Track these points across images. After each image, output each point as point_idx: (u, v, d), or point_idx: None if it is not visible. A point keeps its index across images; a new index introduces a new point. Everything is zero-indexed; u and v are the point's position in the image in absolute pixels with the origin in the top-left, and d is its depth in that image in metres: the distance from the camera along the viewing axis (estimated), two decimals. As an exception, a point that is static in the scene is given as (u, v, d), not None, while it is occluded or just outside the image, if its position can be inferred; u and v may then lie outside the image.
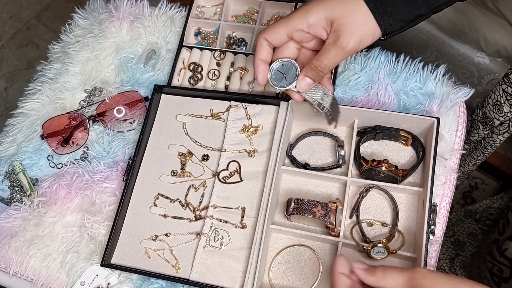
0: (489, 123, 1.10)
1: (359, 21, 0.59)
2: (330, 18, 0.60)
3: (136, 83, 0.93)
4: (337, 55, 0.62)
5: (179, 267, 0.76)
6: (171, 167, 0.83)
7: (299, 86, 0.66)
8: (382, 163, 0.74)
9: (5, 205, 0.86)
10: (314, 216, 0.71)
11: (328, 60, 0.62)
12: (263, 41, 0.65)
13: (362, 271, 0.53)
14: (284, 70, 0.67)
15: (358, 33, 0.59)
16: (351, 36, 0.59)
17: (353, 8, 0.59)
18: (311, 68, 0.64)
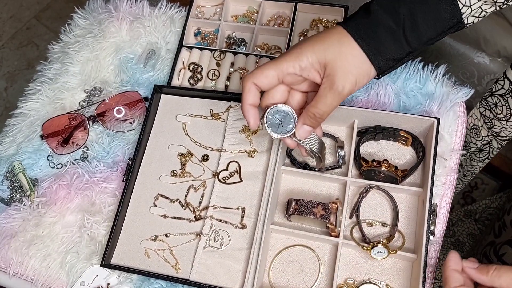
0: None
1: (353, 63, 0.57)
2: (323, 61, 0.58)
3: (136, 83, 0.93)
4: (334, 100, 0.59)
5: (179, 268, 0.76)
6: (171, 168, 0.83)
7: (298, 134, 0.64)
8: (382, 163, 0.74)
9: (5, 205, 0.86)
10: (314, 217, 0.71)
11: (325, 106, 0.60)
12: (251, 85, 0.61)
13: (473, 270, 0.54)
14: (280, 116, 0.64)
15: (353, 76, 0.57)
16: (346, 79, 0.57)
17: (346, 50, 0.57)
18: (309, 116, 0.62)
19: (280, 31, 0.92)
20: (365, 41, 0.57)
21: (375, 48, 0.57)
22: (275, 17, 0.95)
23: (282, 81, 0.61)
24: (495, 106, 0.96)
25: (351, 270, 0.74)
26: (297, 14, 0.91)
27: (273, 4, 0.94)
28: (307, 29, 0.92)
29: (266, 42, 0.93)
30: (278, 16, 0.95)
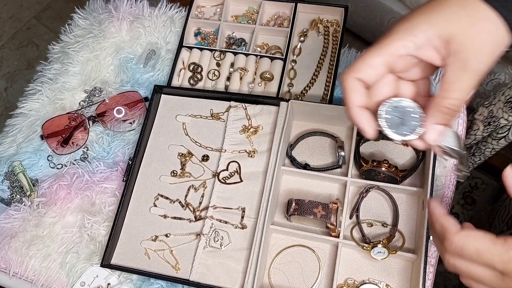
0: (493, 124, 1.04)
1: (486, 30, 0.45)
2: (446, 36, 0.45)
3: (136, 83, 0.93)
4: (472, 82, 0.46)
5: (179, 268, 0.76)
6: (171, 168, 0.83)
7: (430, 137, 0.49)
8: (382, 163, 0.74)
9: (5, 205, 0.86)
10: (314, 217, 0.71)
11: (461, 93, 0.46)
12: (353, 82, 0.48)
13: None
14: (399, 113, 0.50)
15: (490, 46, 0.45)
16: (482, 54, 0.45)
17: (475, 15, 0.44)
18: (441, 112, 0.48)
19: (280, 31, 0.92)
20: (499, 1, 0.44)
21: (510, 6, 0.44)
22: (275, 17, 0.95)
23: (392, 70, 0.48)
24: None
25: (351, 270, 0.74)
26: (297, 14, 0.91)
27: (273, 4, 0.94)
28: (307, 29, 0.92)
29: (266, 42, 0.93)
30: (278, 16, 0.94)
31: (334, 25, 0.91)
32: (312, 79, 0.88)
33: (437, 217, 0.49)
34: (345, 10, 0.90)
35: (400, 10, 1.51)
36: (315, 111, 0.80)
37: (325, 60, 0.89)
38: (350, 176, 0.76)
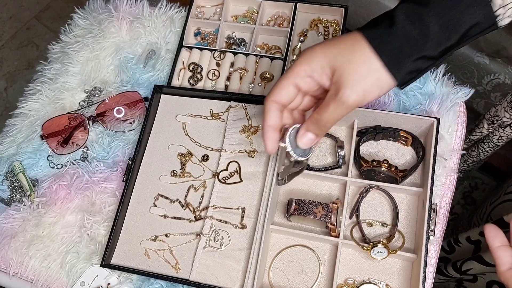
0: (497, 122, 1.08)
1: (364, 73, 0.51)
2: (332, 66, 0.53)
3: (135, 83, 0.93)
4: (337, 110, 0.54)
5: (179, 268, 0.76)
6: (171, 168, 0.83)
7: (301, 142, 0.59)
8: (382, 163, 0.74)
9: (5, 205, 0.86)
10: (315, 217, 0.71)
11: (328, 115, 0.55)
12: (270, 104, 0.57)
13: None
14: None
15: (361, 86, 0.52)
16: (353, 89, 0.52)
17: (358, 58, 0.51)
18: (312, 122, 0.57)
19: (280, 31, 0.92)
20: (386, 52, 0.51)
21: (396, 60, 0.51)
22: (275, 17, 0.95)
23: (299, 89, 0.57)
24: None
25: (351, 270, 0.74)
26: (297, 14, 0.91)
27: (273, 4, 0.94)
28: (307, 29, 0.92)
29: (266, 42, 0.93)
30: (278, 16, 0.95)
31: (334, 25, 0.91)
32: (312, 79, 0.88)
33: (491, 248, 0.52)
34: (345, 10, 0.90)
35: (400, 10, 1.51)
36: (315, 111, 0.79)
37: (325, 60, 0.89)
38: (350, 176, 0.76)
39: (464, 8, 0.49)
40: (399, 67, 0.51)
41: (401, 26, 0.50)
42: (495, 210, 1.08)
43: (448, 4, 0.49)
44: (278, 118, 0.59)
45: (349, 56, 0.52)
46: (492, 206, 1.10)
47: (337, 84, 0.53)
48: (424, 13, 0.50)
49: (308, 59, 0.54)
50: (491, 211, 1.09)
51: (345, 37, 0.53)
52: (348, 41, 0.53)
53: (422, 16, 0.50)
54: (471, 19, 0.50)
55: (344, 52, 0.52)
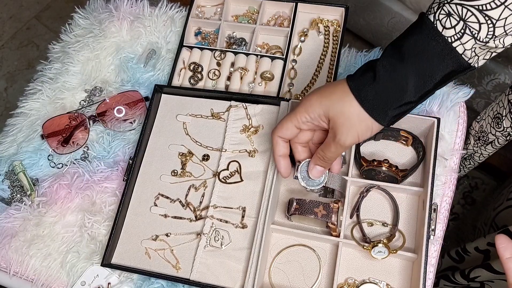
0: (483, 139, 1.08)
1: (355, 121, 0.60)
2: (327, 115, 0.62)
3: (136, 83, 0.93)
4: (338, 150, 0.64)
5: (179, 267, 0.76)
6: (172, 167, 0.83)
7: (312, 174, 0.69)
8: (382, 163, 0.74)
9: (5, 205, 0.86)
10: (315, 217, 0.71)
11: (330, 153, 0.65)
12: (277, 139, 0.68)
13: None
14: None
15: (355, 131, 0.61)
16: (348, 134, 0.61)
17: (348, 109, 0.59)
18: (318, 158, 0.67)
19: (280, 30, 0.92)
20: (370, 106, 0.58)
21: (380, 111, 0.59)
22: (275, 17, 0.95)
23: (300, 129, 0.66)
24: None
25: (351, 270, 0.74)
26: (297, 13, 0.92)
27: (273, 4, 0.94)
28: (307, 28, 0.92)
29: (266, 41, 0.93)
30: (278, 16, 0.95)
31: (335, 25, 0.91)
32: (313, 79, 0.88)
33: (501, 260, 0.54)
34: (346, 10, 0.90)
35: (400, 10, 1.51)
36: (315, 110, 0.80)
37: (325, 60, 0.89)
38: (350, 175, 0.76)
39: (437, 61, 0.55)
40: (384, 115, 0.59)
41: (382, 82, 0.57)
42: (499, 216, 1.08)
43: (421, 58, 0.55)
44: (285, 149, 0.69)
45: (341, 108, 0.60)
46: (495, 212, 1.09)
47: (334, 130, 0.62)
48: (401, 68, 0.56)
49: (308, 109, 0.63)
50: (495, 217, 1.09)
51: (336, 88, 0.61)
52: (339, 93, 0.60)
53: (400, 72, 0.56)
54: (445, 69, 0.56)
55: (336, 104, 0.60)
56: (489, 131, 1.04)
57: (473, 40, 0.53)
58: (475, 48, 0.54)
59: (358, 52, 0.89)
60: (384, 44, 1.64)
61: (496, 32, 0.52)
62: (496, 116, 1.01)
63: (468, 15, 0.52)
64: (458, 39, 0.54)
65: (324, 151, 0.66)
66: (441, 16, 0.54)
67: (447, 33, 0.54)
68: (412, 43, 0.56)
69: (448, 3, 0.53)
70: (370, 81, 0.58)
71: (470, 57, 0.55)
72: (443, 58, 0.55)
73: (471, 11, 0.52)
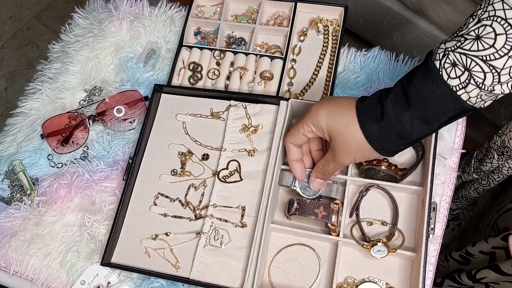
0: (507, 154, 1.07)
1: (355, 148, 0.63)
2: (330, 134, 0.65)
3: (136, 82, 0.93)
4: (336, 167, 0.68)
5: (179, 266, 0.76)
6: (171, 167, 0.83)
7: (313, 186, 0.73)
8: (381, 162, 0.74)
9: (5, 204, 0.86)
10: (316, 217, 0.71)
11: (329, 169, 0.69)
12: (289, 145, 0.71)
13: None
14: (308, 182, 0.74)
15: (352, 156, 0.64)
16: (346, 157, 0.65)
17: (351, 136, 0.62)
18: (318, 172, 0.71)
19: (279, 30, 0.92)
20: (375, 141, 0.61)
21: (384, 146, 0.62)
22: (274, 17, 0.95)
23: (307, 137, 0.69)
24: None
25: (351, 269, 0.74)
26: (296, 13, 0.92)
27: (273, 3, 0.94)
28: (306, 28, 0.92)
29: (265, 41, 0.93)
30: (277, 16, 0.95)
31: (334, 25, 0.92)
32: (312, 79, 0.88)
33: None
34: (345, 10, 0.90)
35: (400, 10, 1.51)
36: (315, 110, 0.80)
37: (324, 60, 0.89)
38: (350, 174, 0.76)
39: (442, 107, 0.57)
40: (386, 149, 0.62)
41: (388, 123, 0.59)
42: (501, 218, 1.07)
43: (427, 105, 0.57)
44: (299, 153, 0.72)
45: (344, 133, 0.63)
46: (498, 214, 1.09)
47: (334, 150, 0.66)
48: (407, 114, 0.58)
49: (314, 121, 0.66)
50: (497, 219, 1.08)
51: (343, 112, 0.63)
52: (345, 118, 0.63)
53: (406, 117, 0.58)
54: (450, 113, 0.57)
55: (341, 129, 0.63)
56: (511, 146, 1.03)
57: (478, 89, 0.54)
58: (480, 95, 0.55)
59: (357, 51, 0.90)
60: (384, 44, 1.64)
61: (502, 79, 0.53)
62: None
63: (472, 65, 0.53)
64: (463, 88, 0.54)
65: (325, 166, 0.69)
66: (446, 65, 0.55)
67: (452, 82, 0.55)
68: (418, 89, 0.57)
69: (453, 51, 0.54)
70: (377, 119, 0.60)
71: (475, 102, 0.56)
72: (448, 104, 0.56)
73: (475, 61, 0.53)
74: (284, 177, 0.76)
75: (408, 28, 1.53)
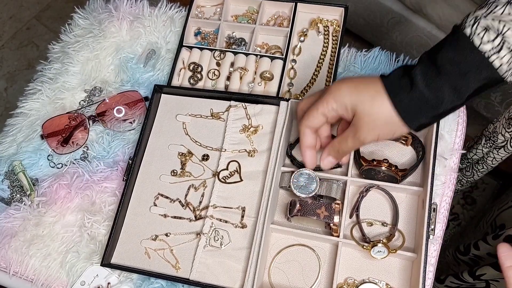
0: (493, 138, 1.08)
1: (380, 123, 0.60)
2: (354, 110, 0.62)
3: (136, 83, 0.93)
4: (354, 145, 0.65)
5: (179, 267, 0.76)
6: (171, 167, 0.83)
7: (323, 164, 0.70)
8: (382, 162, 0.74)
9: (5, 205, 0.86)
10: (318, 218, 0.71)
11: (345, 147, 0.66)
12: (305, 129, 0.68)
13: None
14: (304, 178, 0.74)
15: (377, 132, 0.61)
16: (369, 133, 0.62)
17: (377, 110, 0.60)
18: (332, 149, 0.68)
19: (280, 30, 0.92)
20: (405, 111, 0.59)
21: (413, 117, 0.59)
22: (275, 17, 0.95)
23: (327, 118, 0.66)
24: None
25: (351, 270, 0.74)
26: (297, 13, 0.92)
27: (273, 4, 0.94)
28: (307, 28, 0.92)
29: (266, 41, 0.93)
30: (278, 16, 0.95)
31: (334, 25, 0.91)
32: (312, 79, 0.88)
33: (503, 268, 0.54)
34: (345, 10, 0.90)
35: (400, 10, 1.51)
36: (315, 110, 0.80)
37: (325, 60, 0.89)
38: (350, 175, 0.76)
39: (472, 75, 0.56)
40: (414, 121, 0.60)
41: (419, 91, 0.57)
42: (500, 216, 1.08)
43: (458, 73, 0.56)
44: (313, 139, 0.69)
45: (370, 107, 0.60)
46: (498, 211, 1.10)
47: (355, 126, 0.62)
48: (438, 81, 0.57)
49: (336, 97, 0.63)
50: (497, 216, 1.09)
51: (369, 85, 0.61)
52: (371, 91, 0.60)
53: (436, 84, 0.57)
54: (479, 82, 0.56)
55: (366, 102, 0.60)
56: (499, 131, 1.04)
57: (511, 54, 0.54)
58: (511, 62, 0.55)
59: (357, 51, 0.89)
60: (384, 44, 1.64)
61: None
62: (510, 117, 1.01)
63: (505, 29, 0.53)
64: (496, 53, 0.54)
65: (341, 143, 0.66)
66: (478, 30, 0.54)
67: (484, 48, 0.54)
68: (448, 57, 0.56)
69: (485, 17, 0.54)
70: (407, 88, 0.58)
71: (505, 71, 0.55)
72: (479, 71, 0.55)
73: (508, 25, 0.53)
74: (281, 178, 0.76)
75: (408, 28, 1.53)
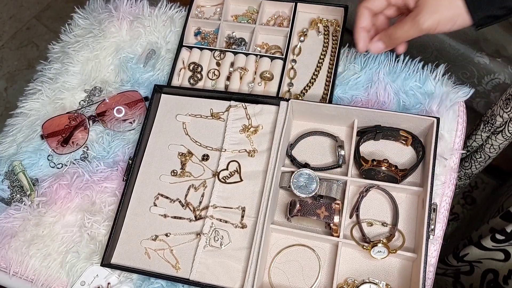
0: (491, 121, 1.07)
1: (445, 5, 0.59)
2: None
3: (136, 83, 0.93)
4: (411, 30, 0.63)
5: (179, 267, 0.76)
6: (171, 167, 0.83)
7: (372, 47, 0.69)
8: (382, 163, 0.74)
9: (5, 205, 0.86)
10: (318, 218, 0.71)
11: (402, 32, 0.64)
12: (363, 10, 0.67)
13: None
14: (304, 178, 0.74)
15: (438, 16, 0.60)
16: (430, 16, 0.60)
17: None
18: (386, 35, 0.67)
19: (279, 30, 0.92)
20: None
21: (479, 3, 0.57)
22: (275, 17, 0.95)
23: (390, 2, 0.65)
24: None
25: (351, 270, 0.74)
26: (297, 13, 0.92)
27: (273, 3, 0.94)
28: (306, 28, 0.92)
29: (266, 41, 0.93)
30: (278, 16, 0.95)
31: (334, 25, 0.91)
32: (312, 79, 0.88)
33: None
34: (345, 10, 0.90)
35: (400, 10, 1.51)
36: (315, 110, 0.80)
37: (325, 60, 0.89)
38: (350, 175, 0.76)
39: None
40: (479, 10, 0.57)
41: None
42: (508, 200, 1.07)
43: None
44: (369, 21, 0.67)
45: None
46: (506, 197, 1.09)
47: (419, 8, 0.61)
48: None
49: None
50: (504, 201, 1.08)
51: None
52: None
53: None
54: None
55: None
56: (497, 113, 1.04)
57: None
58: None
59: (357, 51, 0.89)
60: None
61: None
62: (507, 98, 1.00)
63: None
64: None
65: (397, 28, 0.64)
66: None
67: None
68: None
69: None
70: None
71: None
72: None
73: None
74: (281, 178, 0.76)
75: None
